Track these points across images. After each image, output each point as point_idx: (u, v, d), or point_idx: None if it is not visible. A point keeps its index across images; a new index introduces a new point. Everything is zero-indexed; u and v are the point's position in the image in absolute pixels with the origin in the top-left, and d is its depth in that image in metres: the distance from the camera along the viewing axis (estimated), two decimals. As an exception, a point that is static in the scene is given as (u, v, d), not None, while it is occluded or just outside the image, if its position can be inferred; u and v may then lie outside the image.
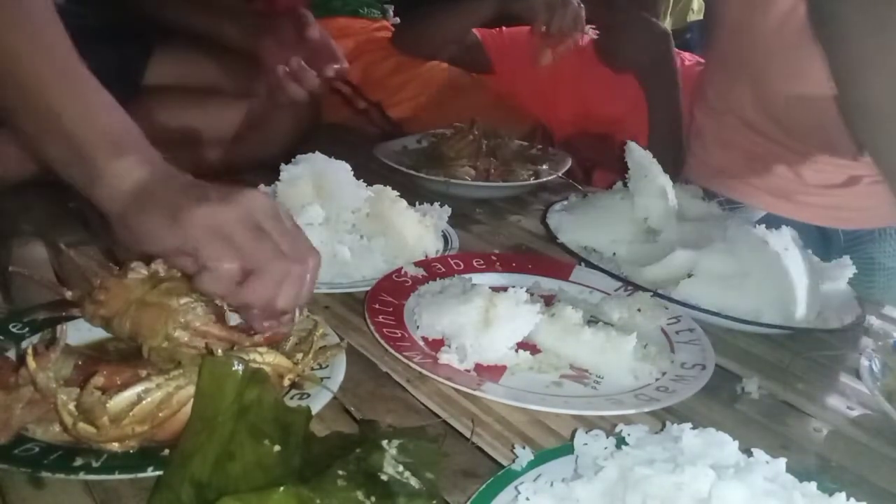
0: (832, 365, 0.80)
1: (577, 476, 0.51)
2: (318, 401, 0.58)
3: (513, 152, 1.31)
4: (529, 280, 0.87)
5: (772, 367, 0.77)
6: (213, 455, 0.47)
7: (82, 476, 0.49)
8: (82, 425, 0.49)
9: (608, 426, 0.60)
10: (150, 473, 0.49)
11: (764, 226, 0.88)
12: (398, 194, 0.92)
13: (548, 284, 0.87)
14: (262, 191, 0.76)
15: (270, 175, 0.90)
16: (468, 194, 1.18)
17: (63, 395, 0.49)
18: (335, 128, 1.53)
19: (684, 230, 0.93)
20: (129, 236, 0.59)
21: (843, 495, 0.47)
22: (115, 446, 0.50)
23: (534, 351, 0.72)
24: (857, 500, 0.47)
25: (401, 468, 0.49)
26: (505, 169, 1.24)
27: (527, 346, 0.71)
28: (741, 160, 1.27)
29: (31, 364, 0.50)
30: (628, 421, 0.60)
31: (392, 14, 1.86)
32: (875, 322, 0.92)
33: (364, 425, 0.58)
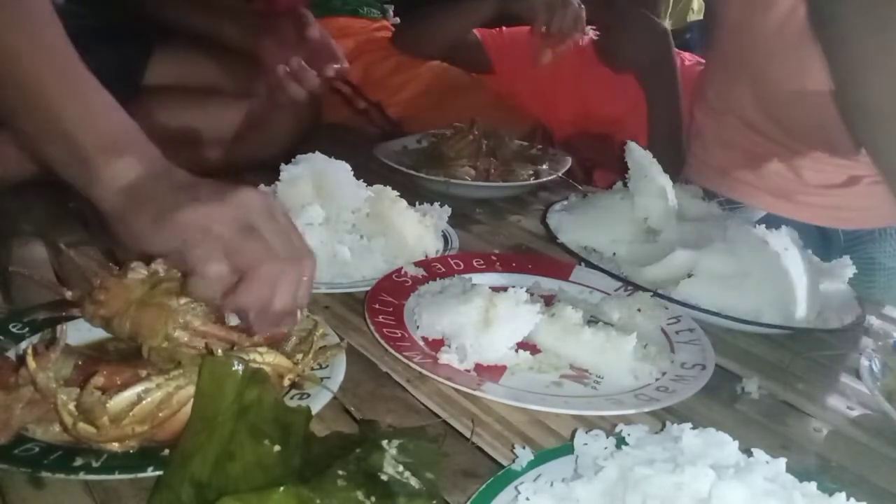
0: (832, 365, 0.80)
1: (577, 476, 0.51)
2: (318, 401, 0.58)
3: (513, 152, 1.31)
4: (529, 280, 0.87)
5: (772, 367, 0.77)
6: (213, 455, 0.47)
7: (82, 476, 0.49)
8: (82, 425, 0.49)
9: (608, 426, 0.60)
10: (150, 473, 0.49)
11: (764, 226, 0.88)
12: (398, 194, 0.92)
13: (548, 284, 0.87)
14: (262, 191, 0.76)
15: (270, 175, 0.90)
16: (468, 194, 1.17)
17: (63, 395, 0.49)
18: (335, 128, 1.53)
19: (684, 230, 0.93)
20: (126, 236, 0.59)
21: (843, 495, 0.47)
22: (115, 446, 0.50)
23: (534, 351, 0.72)
24: (857, 500, 0.47)
25: (401, 468, 0.49)
26: (505, 169, 1.24)
27: (527, 346, 0.71)
28: (741, 160, 1.27)
29: (31, 364, 0.50)
30: (628, 421, 0.60)
31: (392, 14, 1.86)
32: (875, 322, 0.92)
33: (364, 425, 0.58)
